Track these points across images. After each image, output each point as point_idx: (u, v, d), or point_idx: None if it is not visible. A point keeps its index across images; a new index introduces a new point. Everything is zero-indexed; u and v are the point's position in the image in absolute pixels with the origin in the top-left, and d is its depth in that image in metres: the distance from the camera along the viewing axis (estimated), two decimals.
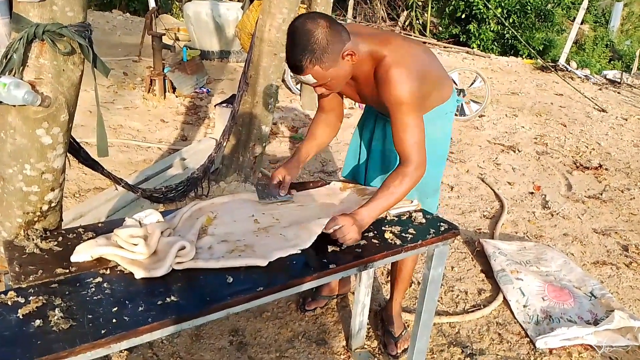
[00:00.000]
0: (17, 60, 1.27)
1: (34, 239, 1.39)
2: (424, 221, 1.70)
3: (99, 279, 1.23)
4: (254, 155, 3.53)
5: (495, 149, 5.21)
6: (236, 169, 3.53)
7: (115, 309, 1.13)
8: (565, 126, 6.28)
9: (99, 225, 1.53)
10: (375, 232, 1.60)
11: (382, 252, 1.50)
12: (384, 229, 1.62)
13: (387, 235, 1.58)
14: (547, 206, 3.92)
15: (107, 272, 1.27)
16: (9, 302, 1.11)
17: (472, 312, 2.55)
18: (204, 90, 6.06)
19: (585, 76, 9.60)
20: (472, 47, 11.77)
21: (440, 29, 13.31)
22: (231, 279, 1.28)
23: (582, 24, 11.02)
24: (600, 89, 8.80)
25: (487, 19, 11.80)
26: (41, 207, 1.47)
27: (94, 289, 1.19)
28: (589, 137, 5.92)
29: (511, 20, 11.52)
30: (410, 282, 2.50)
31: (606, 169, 4.86)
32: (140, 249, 1.31)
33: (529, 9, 11.54)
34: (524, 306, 2.55)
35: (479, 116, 6.21)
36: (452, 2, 12.35)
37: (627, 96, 8.50)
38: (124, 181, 2.21)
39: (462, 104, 6.13)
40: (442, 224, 1.69)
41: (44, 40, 1.28)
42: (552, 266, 2.88)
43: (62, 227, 1.60)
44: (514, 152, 5.17)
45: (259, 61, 3.26)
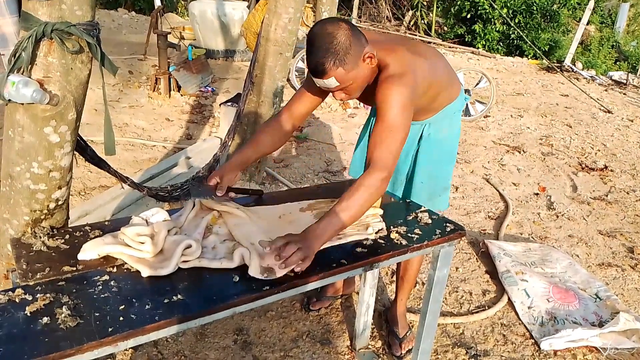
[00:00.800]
0: (26, 58, 1.28)
1: (41, 237, 1.39)
2: (430, 222, 1.70)
3: (106, 277, 1.24)
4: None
5: (500, 150, 5.19)
6: None
7: (122, 307, 1.13)
8: (570, 127, 6.26)
9: (106, 223, 1.54)
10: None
11: (388, 252, 1.50)
12: (389, 229, 1.62)
13: (393, 235, 1.58)
14: (552, 207, 3.91)
15: (114, 270, 1.27)
16: (17, 300, 1.12)
17: (477, 313, 2.54)
18: (209, 89, 6.07)
19: (590, 77, 9.56)
20: (478, 47, 11.75)
21: (445, 29, 13.29)
22: (237, 278, 1.28)
23: (588, 24, 10.97)
24: (605, 90, 8.76)
25: (492, 19, 11.77)
26: (48, 205, 1.47)
27: (101, 287, 1.20)
28: (595, 138, 5.90)
29: (517, 20, 11.48)
30: (415, 282, 2.49)
31: (612, 171, 4.85)
32: (146, 247, 1.31)
33: (535, 9, 11.50)
34: (529, 307, 2.55)
35: (484, 116, 6.20)
36: (458, 2, 12.31)
37: (632, 97, 8.46)
38: (130, 179, 2.22)
39: (467, 105, 6.12)
40: (447, 224, 1.68)
41: (53, 38, 1.28)
42: (557, 267, 2.87)
43: (69, 225, 1.61)
44: (519, 152, 5.16)
45: (265, 61, 3.27)
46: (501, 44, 12.04)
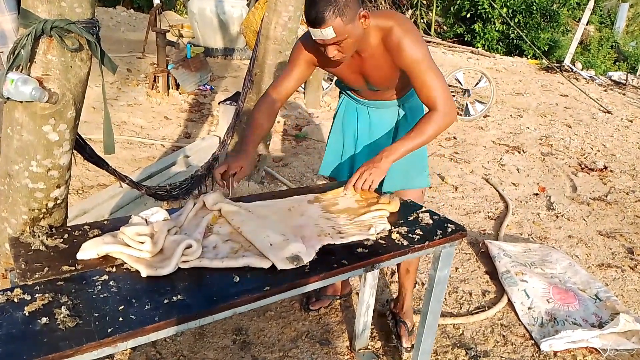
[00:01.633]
0: (25, 56, 1.27)
1: (39, 236, 1.38)
2: (431, 222, 1.69)
3: (105, 277, 1.22)
4: (258, 153, 3.52)
5: (499, 150, 5.19)
6: None
7: (121, 307, 1.12)
8: (570, 127, 6.26)
9: (105, 222, 1.53)
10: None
11: (389, 252, 1.49)
12: (390, 229, 1.61)
13: (394, 235, 1.57)
14: (552, 208, 3.91)
15: (114, 270, 1.26)
16: (15, 299, 1.11)
17: (477, 313, 2.54)
18: (208, 87, 6.05)
19: (590, 77, 9.56)
20: (477, 47, 11.75)
21: (444, 28, 13.28)
22: (237, 278, 1.27)
23: (587, 24, 10.97)
24: (605, 90, 8.77)
25: (492, 19, 11.77)
26: (47, 204, 1.46)
27: (100, 287, 1.19)
28: (594, 138, 5.90)
29: (516, 20, 11.49)
30: (416, 274, 2.48)
31: (611, 171, 4.84)
32: (146, 247, 1.30)
33: (535, 9, 11.51)
34: (529, 308, 2.54)
35: (483, 116, 6.19)
36: (457, 2, 12.31)
37: (632, 98, 8.47)
38: (129, 178, 2.21)
39: (467, 104, 6.11)
40: (448, 224, 1.67)
41: (52, 36, 1.27)
42: (557, 268, 2.86)
43: (67, 224, 1.60)
44: (519, 152, 5.15)
45: (264, 59, 3.26)
46: (501, 43, 12.04)
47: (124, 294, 1.17)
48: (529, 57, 11.34)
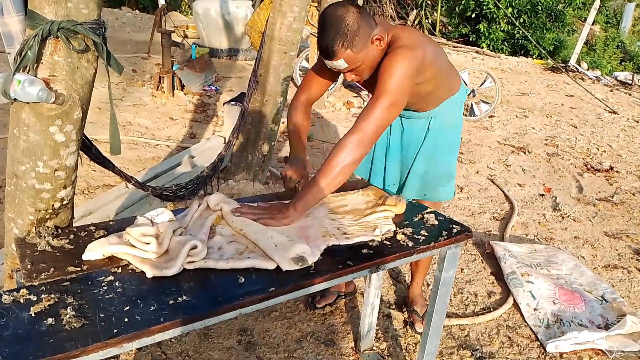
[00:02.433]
0: (32, 57, 1.27)
1: (45, 237, 1.38)
2: (436, 223, 1.69)
3: (111, 278, 1.23)
4: (263, 153, 3.53)
5: (505, 150, 5.17)
6: (245, 167, 3.53)
7: (127, 308, 1.12)
8: (576, 128, 6.24)
9: (111, 223, 1.53)
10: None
11: (394, 253, 1.49)
12: (395, 230, 1.61)
13: (399, 236, 1.57)
14: (557, 208, 3.89)
15: (119, 270, 1.26)
16: (21, 300, 1.11)
17: (482, 314, 2.53)
18: (213, 88, 6.06)
19: (596, 77, 9.52)
20: (482, 47, 11.71)
21: (449, 28, 13.25)
22: (243, 279, 1.27)
23: (593, 24, 10.92)
24: (611, 91, 8.73)
25: (497, 19, 11.73)
26: (53, 205, 1.47)
27: (105, 288, 1.19)
28: (600, 139, 5.87)
29: (522, 20, 11.44)
30: (429, 265, 2.54)
31: (617, 172, 4.82)
32: (152, 247, 1.30)
33: (540, 9, 11.46)
34: (535, 309, 2.53)
35: (489, 117, 6.18)
36: (462, 2, 12.28)
37: (638, 98, 8.42)
38: (135, 179, 2.21)
39: (472, 105, 6.10)
40: (454, 225, 1.67)
41: (59, 37, 1.27)
42: (562, 269, 2.85)
43: (73, 225, 1.60)
44: (524, 153, 5.13)
45: (269, 59, 3.26)
46: (506, 43, 12.00)
47: (129, 295, 1.17)
48: (534, 57, 11.30)
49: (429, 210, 1.78)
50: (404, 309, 2.51)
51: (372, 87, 1.74)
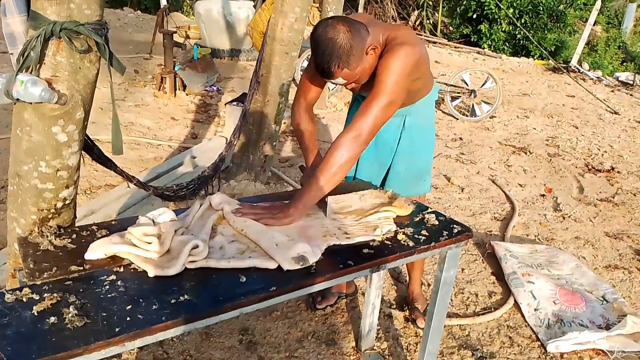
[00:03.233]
0: (34, 57, 1.28)
1: (48, 236, 1.39)
2: (437, 223, 1.69)
3: (113, 277, 1.23)
4: (264, 154, 3.53)
5: (506, 151, 5.18)
6: (246, 167, 3.54)
7: (129, 307, 1.13)
8: (577, 128, 6.23)
9: (113, 223, 1.54)
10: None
11: (395, 253, 1.49)
12: (396, 230, 1.61)
13: (400, 236, 1.57)
14: (558, 209, 3.89)
15: (121, 270, 1.27)
16: (24, 299, 1.12)
17: (483, 314, 2.53)
18: (214, 88, 6.07)
19: (597, 78, 9.51)
20: (483, 48, 11.71)
21: (451, 28, 13.25)
22: (244, 279, 1.28)
23: (594, 25, 10.92)
24: (612, 91, 8.72)
25: (498, 19, 11.73)
26: (55, 204, 1.47)
27: (107, 287, 1.19)
28: (601, 139, 5.87)
29: (523, 20, 11.44)
30: (423, 262, 2.59)
31: (618, 172, 4.82)
32: (153, 247, 1.31)
33: (541, 9, 11.46)
34: (535, 310, 2.53)
35: (490, 117, 6.18)
36: (464, 2, 12.28)
37: (639, 98, 8.41)
38: (136, 179, 2.22)
39: (473, 105, 6.10)
40: (455, 225, 1.67)
41: (61, 38, 1.28)
42: (563, 269, 2.85)
43: (75, 224, 1.61)
44: (525, 153, 5.14)
45: (271, 60, 3.27)
46: (507, 44, 12.00)
47: (131, 294, 1.18)
48: (535, 57, 11.30)
49: (429, 210, 1.78)
50: (405, 308, 2.53)
51: (368, 86, 1.75)
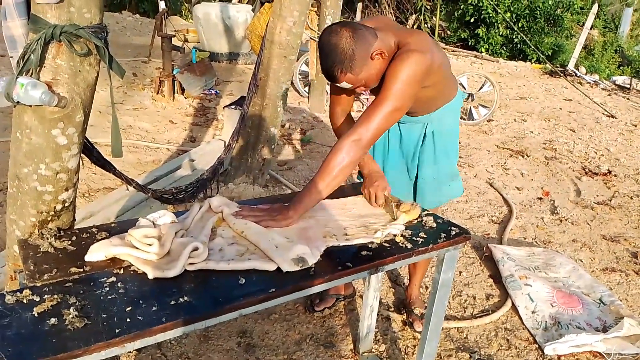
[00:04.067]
0: (35, 61, 1.29)
1: (48, 238, 1.40)
2: (435, 225, 1.70)
3: (113, 279, 1.24)
4: (263, 157, 3.54)
5: (503, 154, 5.19)
6: (245, 170, 3.54)
7: (129, 308, 1.13)
8: (574, 132, 6.26)
9: (113, 225, 1.54)
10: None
11: (393, 255, 1.50)
12: (394, 233, 1.62)
13: (398, 238, 1.58)
14: (555, 212, 3.91)
15: (121, 271, 1.28)
16: (24, 300, 1.12)
17: (480, 317, 2.54)
18: (213, 91, 6.08)
19: (594, 81, 9.55)
20: (481, 52, 11.76)
21: (448, 32, 13.30)
22: (243, 280, 1.29)
23: (591, 29, 10.97)
24: (609, 95, 8.76)
25: (496, 23, 11.78)
26: (55, 207, 1.48)
27: (107, 289, 1.20)
28: (598, 142, 5.89)
29: (520, 24, 11.49)
30: (427, 268, 2.59)
31: (615, 175, 4.84)
32: (153, 249, 1.31)
33: (538, 13, 11.51)
34: (533, 312, 2.54)
35: (487, 120, 6.20)
36: (461, 6, 12.33)
37: (636, 102, 8.45)
38: (135, 182, 2.22)
39: (470, 109, 6.12)
40: (452, 228, 1.68)
41: (61, 41, 1.29)
42: (560, 272, 2.87)
43: (75, 227, 1.61)
44: (523, 157, 5.15)
45: (269, 63, 3.28)
46: (504, 48, 12.05)
47: (131, 296, 1.18)
48: (532, 61, 11.34)
49: (427, 212, 1.79)
50: (403, 311, 2.53)
51: (378, 91, 1.76)
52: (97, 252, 1.31)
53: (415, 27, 13.25)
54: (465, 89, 6.23)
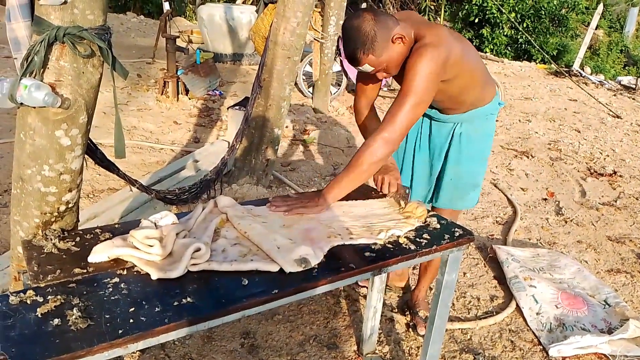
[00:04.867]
0: (38, 62, 1.29)
1: (52, 239, 1.40)
2: (439, 226, 1.70)
3: (116, 280, 1.24)
4: (266, 158, 3.54)
5: (508, 154, 5.18)
6: (248, 171, 3.54)
7: (132, 309, 1.14)
8: (579, 132, 6.23)
9: (116, 226, 1.55)
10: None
11: (397, 256, 1.50)
12: (398, 234, 1.62)
13: (402, 240, 1.58)
14: (560, 213, 3.89)
15: (124, 272, 1.28)
16: (28, 301, 1.13)
17: (485, 318, 2.53)
18: (217, 92, 6.09)
19: (599, 82, 9.52)
20: (485, 52, 11.73)
21: None
22: (246, 281, 1.28)
23: (596, 29, 10.93)
24: (614, 95, 8.72)
25: (500, 24, 11.75)
26: (58, 208, 1.48)
27: (111, 289, 1.20)
28: (603, 143, 5.87)
29: (525, 25, 11.46)
30: (437, 271, 2.53)
31: (620, 176, 4.81)
32: (156, 250, 1.31)
33: (543, 13, 11.48)
34: (537, 314, 2.53)
35: None
36: (466, 6, 12.31)
37: None
38: (139, 182, 2.23)
39: None
40: (456, 229, 1.68)
41: (65, 42, 1.30)
42: (565, 273, 2.85)
43: (78, 228, 1.62)
44: (528, 157, 5.14)
45: (273, 64, 3.28)
46: (509, 48, 12.02)
47: (134, 296, 1.19)
48: (537, 61, 11.31)
49: (431, 213, 1.79)
50: (407, 312, 2.53)
51: (401, 80, 1.80)
52: (100, 253, 1.31)
53: None
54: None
